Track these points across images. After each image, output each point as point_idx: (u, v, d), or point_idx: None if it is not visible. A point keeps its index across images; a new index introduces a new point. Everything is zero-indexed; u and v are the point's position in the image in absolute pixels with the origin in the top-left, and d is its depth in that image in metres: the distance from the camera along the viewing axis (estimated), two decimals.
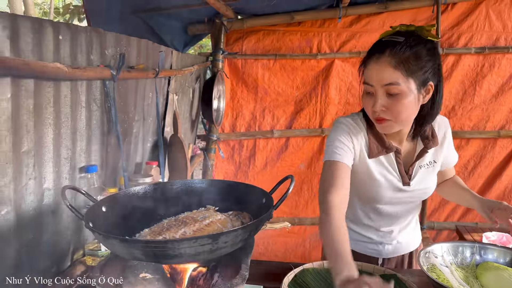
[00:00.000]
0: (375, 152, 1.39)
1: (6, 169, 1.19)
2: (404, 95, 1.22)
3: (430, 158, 1.46)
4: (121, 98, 1.88)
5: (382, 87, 1.22)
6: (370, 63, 1.25)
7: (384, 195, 1.45)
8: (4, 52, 1.12)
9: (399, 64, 1.19)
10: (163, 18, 3.01)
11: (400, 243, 1.63)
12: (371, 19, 3.34)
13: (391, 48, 1.21)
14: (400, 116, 1.25)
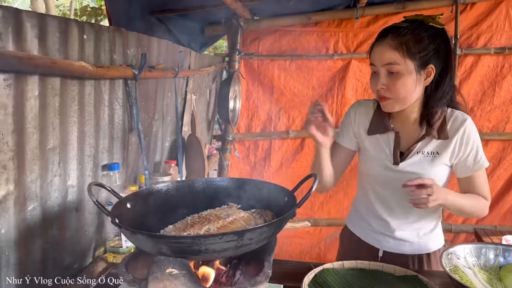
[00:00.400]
0: (373, 129, 1.51)
1: (33, 165, 1.21)
2: (402, 75, 1.32)
3: (433, 148, 1.45)
4: (142, 97, 1.90)
5: (383, 66, 1.34)
6: (375, 45, 1.37)
7: (374, 171, 1.53)
8: (33, 51, 1.15)
9: (398, 46, 1.31)
10: (180, 19, 3.04)
11: (402, 241, 1.59)
12: (389, 19, 3.32)
13: (393, 32, 1.33)
14: (398, 94, 1.35)
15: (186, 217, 1.18)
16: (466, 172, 1.47)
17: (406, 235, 1.58)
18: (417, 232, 1.58)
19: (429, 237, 1.60)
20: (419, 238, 1.59)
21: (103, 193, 1.58)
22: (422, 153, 1.45)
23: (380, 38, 1.37)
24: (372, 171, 1.55)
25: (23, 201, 1.19)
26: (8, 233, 1.13)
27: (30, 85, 1.15)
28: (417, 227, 1.58)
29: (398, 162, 1.47)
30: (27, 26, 1.11)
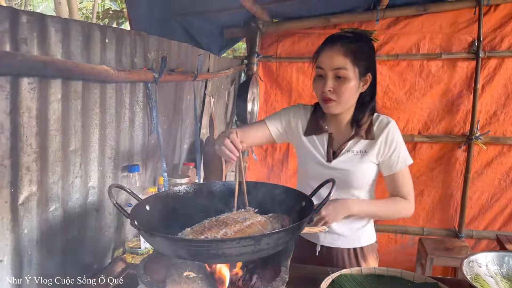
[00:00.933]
0: (310, 131, 1.65)
1: (55, 167, 1.24)
2: (348, 80, 1.45)
3: (361, 147, 1.59)
4: (162, 100, 1.92)
5: (331, 70, 1.46)
6: (324, 50, 1.49)
7: (311, 168, 1.64)
8: (56, 55, 1.17)
9: (348, 52, 1.44)
10: (200, 22, 3.06)
11: (336, 235, 1.67)
12: (410, 21, 3.27)
13: (342, 40, 1.47)
14: (343, 97, 1.48)
15: (204, 220, 1.19)
16: (390, 170, 1.60)
17: (339, 229, 1.67)
18: (350, 226, 1.67)
19: (361, 232, 1.71)
20: (352, 232, 1.69)
21: (122, 195, 1.60)
22: (352, 152, 1.59)
23: (328, 44, 1.49)
24: (308, 168, 1.66)
25: (46, 202, 1.21)
26: (30, 233, 1.16)
27: (53, 89, 1.18)
28: (349, 222, 1.66)
29: (331, 159, 1.61)
30: (52, 31, 1.14)
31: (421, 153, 3.39)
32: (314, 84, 1.55)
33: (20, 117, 1.07)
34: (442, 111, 3.33)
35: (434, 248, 3.02)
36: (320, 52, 1.51)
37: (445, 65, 3.27)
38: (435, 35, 3.27)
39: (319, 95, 1.53)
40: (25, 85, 1.07)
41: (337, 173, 1.58)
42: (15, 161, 1.07)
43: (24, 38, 1.04)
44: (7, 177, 1.05)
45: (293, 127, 1.69)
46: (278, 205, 1.27)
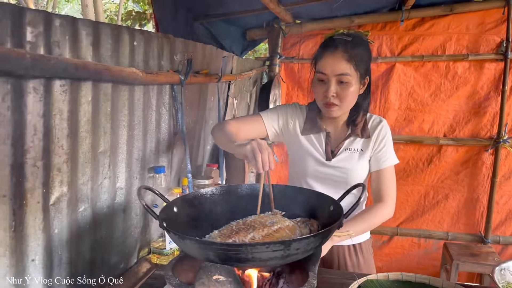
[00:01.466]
0: (307, 130, 1.65)
1: (85, 168, 1.26)
2: (351, 85, 1.46)
3: (358, 145, 1.62)
4: (187, 102, 1.93)
5: (334, 76, 1.46)
6: (325, 56, 1.47)
7: (309, 167, 1.64)
8: (87, 58, 1.19)
9: (350, 58, 1.44)
10: (223, 24, 3.07)
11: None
12: (436, 22, 3.21)
13: (343, 44, 1.45)
14: (346, 101, 1.50)
15: (231, 222, 1.19)
16: (377, 165, 1.62)
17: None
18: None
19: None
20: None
21: (148, 195, 1.62)
22: (349, 150, 1.62)
23: (330, 49, 1.46)
24: (306, 167, 1.66)
25: (75, 203, 1.23)
26: (60, 233, 1.18)
27: (84, 91, 1.20)
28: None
29: (331, 158, 1.62)
30: (83, 34, 1.16)
31: (446, 156, 3.32)
32: (314, 88, 1.55)
33: (52, 119, 1.09)
34: (469, 114, 3.25)
35: (460, 254, 2.95)
36: (320, 57, 1.50)
37: (472, 66, 3.20)
38: (461, 35, 3.19)
39: (320, 99, 1.53)
40: (57, 88, 1.09)
41: (336, 171, 1.61)
42: (47, 162, 1.09)
43: (57, 41, 1.06)
44: (39, 178, 1.07)
45: (290, 127, 1.68)
46: (305, 209, 1.25)
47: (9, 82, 0.93)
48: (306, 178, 1.67)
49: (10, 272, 1.01)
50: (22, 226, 1.03)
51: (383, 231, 3.46)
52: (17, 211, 1.01)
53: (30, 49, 0.98)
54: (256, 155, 1.18)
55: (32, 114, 1.02)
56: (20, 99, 0.98)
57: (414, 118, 3.31)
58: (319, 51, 1.53)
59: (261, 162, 1.17)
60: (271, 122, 1.67)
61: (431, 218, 3.43)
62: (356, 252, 1.76)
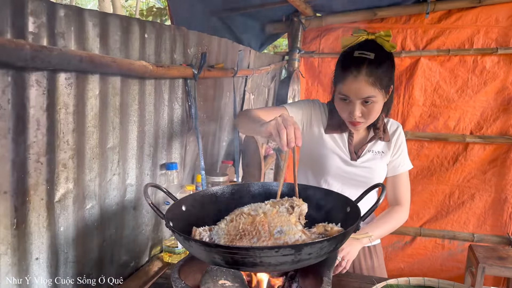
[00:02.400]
0: (331, 129, 1.62)
1: (92, 164, 1.22)
2: (376, 103, 1.44)
3: (380, 148, 1.63)
4: (201, 96, 1.88)
5: (359, 99, 1.43)
6: (348, 79, 1.42)
7: (333, 166, 1.62)
8: (94, 50, 1.15)
9: (375, 82, 1.40)
10: (241, 18, 3.01)
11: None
12: (463, 14, 3.06)
13: (366, 66, 1.39)
14: (371, 117, 1.48)
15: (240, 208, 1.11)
16: (394, 171, 1.65)
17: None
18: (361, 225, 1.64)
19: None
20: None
21: (160, 193, 1.57)
22: (372, 152, 1.62)
23: (352, 72, 1.40)
24: (329, 166, 1.63)
25: (82, 200, 1.20)
26: (67, 231, 1.14)
27: (91, 84, 1.16)
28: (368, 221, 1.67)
29: (356, 158, 1.62)
30: (89, 25, 1.12)
31: (472, 154, 3.18)
32: (338, 106, 1.51)
33: (57, 113, 1.05)
34: (497, 110, 3.10)
35: (486, 257, 2.82)
36: (342, 80, 1.44)
37: (501, 60, 3.04)
38: (490, 28, 3.04)
39: (345, 117, 1.51)
40: (62, 81, 1.05)
41: (361, 171, 1.61)
42: (52, 158, 1.05)
43: (61, 33, 1.02)
44: (43, 174, 1.03)
45: (314, 124, 1.65)
46: (320, 209, 1.19)
47: (9, 74, 0.89)
48: (326, 177, 1.65)
49: (12, 270, 0.98)
50: (24, 223, 1.00)
51: (406, 231, 3.35)
52: (19, 208, 0.97)
53: (32, 40, 0.94)
54: (280, 131, 1.07)
55: (35, 108, 0.98)
56: (22, 92, 0.94)
57: (439, 114, 3.18)
58: (339, 72, 1.47)
59: (286, 138, 1.07)
60: (295, 116, 1.61)
61: (456, 219, 3.30)
62: (371, 254, 1.75)
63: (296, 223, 0.97)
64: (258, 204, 1.10)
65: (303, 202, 1.09)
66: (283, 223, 0.94)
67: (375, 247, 1.77)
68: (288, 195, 1.20)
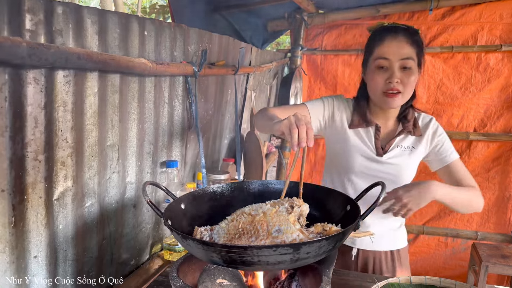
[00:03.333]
0: (356, 123, 1.57)
1: (91, 162, 1.21)
2: (413, 71, 1.41)
3: (410, 143, 1.56)
4: (202, 94, 1.87)
5: (398, 60, 1.39)
6: (387, 40, 1.41)
7: (357, 163, 1.57)
8: (92, 47, 1.14)
9: (413, 43, 1.40)
10: (243, 15, 2.99)
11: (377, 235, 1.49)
12: (467, 11, 3.03)
13: (403, 30, 1.41)
14: (408, 88, 1.42)
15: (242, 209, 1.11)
16: (441, 162, 1.56)
17: (377, 230, 1.51)
18: (387, 228, 1.63)
19: (396, 234, 1.67)
20: (388, 234, 1.64)
21: (161, 190, 1.57)
22: (400, 147, 1.55)
23: (391, 33, 1.41)
24: (353, 163, 1.58)
25: (81, 198, 1.19)
26: (65, 229, 1.14)
27: (89, 82, 1.15)
28: (386, 223, 1.62)
29: (382, 153, 1.55)
30: (88, 22, 1.11)
31: (476, 152, 3.15)
32: (373, 77, 1.45)
33: (55, 111, 1.05)
34: (501, 108, 3.08)
35: (489, 255, 2.80)
36: (380, 42, 1.43)
37: (505, 57, 3.02)
38: (494, 25, 3.01)
39: (380, 88, 1.44)
40: (60, 78, 1.04)
41: (387, 168, 1.55)
42: (50, 156, 1.05)
43: (59, 30, 1.02)
44: (41, 172, 1.03)
45: (337, 119, 1.60)
46: (320, 207, 1.18)
47: (6, 72, 0.89)
48: (350, 175, 1.59)
49: (10, 268, 0.98)
50: (23, 221, 1.00)
51: (409, 229, 3.33)
52: (17, 206, 0.97)
53: (30, 37, 0.94)
54: (292, 130, 1.07)
55: (33, 106, 0.98)
56: (19, 90, 0.94)
57: (442, 112, 3.15)
58: (373, 40, 1.46)
59: (297, 137, 1.06)
60: (316, 113, 1.59)
61: (459, 217, 3.28)
62: (393, 258, 1.67)
63: (294, 222, 0.96)
64: (259, 204, 1.10)
65: (303, 203, 1.08)
66: (281, 222, 0.93)
67: (398, 251, 1.67)
68: (293, 194, 1.20)
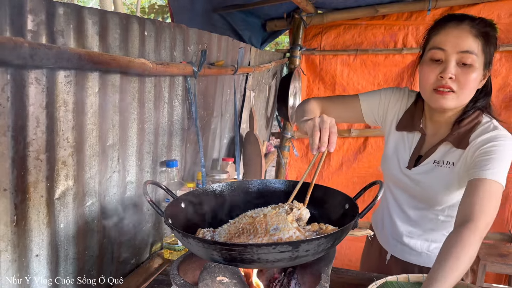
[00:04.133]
0: (402, 125, 1.40)
1: (92, 161, 1.22)
2: (474, 69, 1.19)
3: (451, 158, 1.30)
4: (201, 94, 1.88)
5: (456, 53, 1.18)
6: (447, 28, 1.20)
7: (389, 170, 1.46)
8: (93, 48, 1.15)
9: (479, 35, 1.18)
10: (242, 15, 3.00)
11: (408, 248, 1.51)
12: (465, 11, 3.04)
13: (469, 19, 1.19)
14: (465, 89, 1.20)
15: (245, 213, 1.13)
16: (469, 175, 1.17)
17: (414, 244, 1.50)
18: (428, 244, 1.47)
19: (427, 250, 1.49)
20: (429, 251, 1.48)
21: (161, 190, 1.58)
22: (435, 163, 1.32)
23: (454, 21, 1.20)
24: (387, 170, 1.48)
25: (82, 197, 1.20)
26: (66, 228, 1.15)
27: (90, 82, 1.16)
28: (428, 239, 1.47)
29: (411, 166, 1.38)
30: (89, 23, 1.12)
31: None
32: (423, 70, 1.25)
33: (57, 111, 1.06)
34: (499, 107, 3.09)
35: (487, 254, 2.82)
36: (438, 30, 1.22)
37: (503, 57, 3.04)
38: None
39: (430, 84, 1.22)
40: (61, 78, 1.05)
41: (413, 183, 1.37)
42: (51, 155, 1.06)
43: (60, 30, 1.03)
44: (43, 172, 1.04)
45: (388, 117, 1.45)
46: (319, 206, 1.19)
47: (8, 72, 0.90)
48: (388, 182, 1.52)
49: (12, 267, 0.99)
50: (24, 220, 1.01)
51: None
52: (19, 205, 0.98)
53: (31, 38, 0.95)
54: (314, 133, 1.02)
55: (35, 106, 0.99)
56: (21, 90, 0.94)
57: None
58: (436, 24, 1.26)
59: (318, 141, 1.02)
60: (370, 107, 1.46)
61: None
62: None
63: (292, 222, 0.97)
64: (262, 208, 1.13)
65: (303, 206, 1.09)
66: (279, 221, 0.94)
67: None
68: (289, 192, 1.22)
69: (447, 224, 1.42)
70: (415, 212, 1.47)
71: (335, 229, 0.98)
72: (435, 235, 1.46)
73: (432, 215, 1.43)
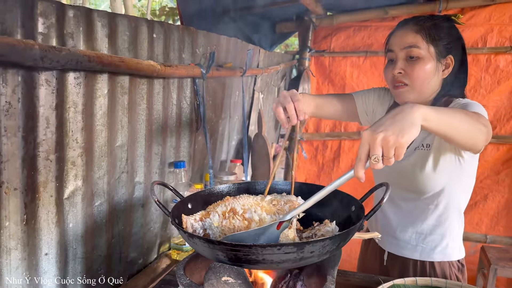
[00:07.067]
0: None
1: (101, 162, 1.24)
2: (422, 59, 1.28)
3: (428, 140, 1.37)
4: (210, 96, 1.89)
5: (402, 50, 1.30)
6: (395, 31, 1.35)
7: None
8: (102, 50, 1.17)
9: (420, 30, 1.29)
10: (252, 17, 3.01)
11: (402, 242, 1.52)
12: (476, 12, 3.02)
13: (414, 19, 1.32)
14: (416, 80, 1.29)
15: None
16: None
17: (406, 237, 1.52)
18: (424, 236, 1.49)
19: (436, 245, 1.49)
20: (422, 243, 1.50)
21: (169, 190, 1.59)
22: (420, 148, 1.38)
23: (400, 24, 1.35)
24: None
25: (91, 197, 1.22)
26: (75, 228, 1.17)
27: (99, 84, 1.18)
28: (422, 231, 1.49)
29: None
30: (98, 25, 1.14)
31: (486, 154, 3.13)
32: (385, 72, 1.39)
33: (66, 112, 1.07)
34: (511, 110, 3.06)
35: (499, 258, 2.78)
36: (390, 35, 1.38)
37: None
38: (504, 27, 2.99)
39: (389, 83, 1.37)
40: (71, 80, 1.07)
41: (398, 174, 1.42)
42: (61, 156, 1.08)
43: (70, 33, 1.04)
44: (52, 172, 1.05)
45: (377, 116, 1.54)
46: (325, 208, 1.19)
47: (19, 74, 0.92)
48: (381, 177, 1.53)
49: (22, 265, 1.01)
50: (34, 219, 1.02)
51: None
52: (28, 205, 1.00)
53: (42, 40, 0.97)
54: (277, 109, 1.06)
55: (45, 107, 1.00)
56: (31, 91, 0.96)
57: None
58: (390, 32, 1.40)
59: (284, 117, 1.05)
60: (364, 105, 1.54)
61: (468, 220, 3.25)
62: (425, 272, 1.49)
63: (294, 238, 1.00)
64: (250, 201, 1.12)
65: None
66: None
67: (433, 265, 1.48)
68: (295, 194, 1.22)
69: (438, 214, 1.46)
70: (406, 203, 1.50)
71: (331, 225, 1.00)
72: (428, 227, 1.49)
73: (423, 205, 1.46)
